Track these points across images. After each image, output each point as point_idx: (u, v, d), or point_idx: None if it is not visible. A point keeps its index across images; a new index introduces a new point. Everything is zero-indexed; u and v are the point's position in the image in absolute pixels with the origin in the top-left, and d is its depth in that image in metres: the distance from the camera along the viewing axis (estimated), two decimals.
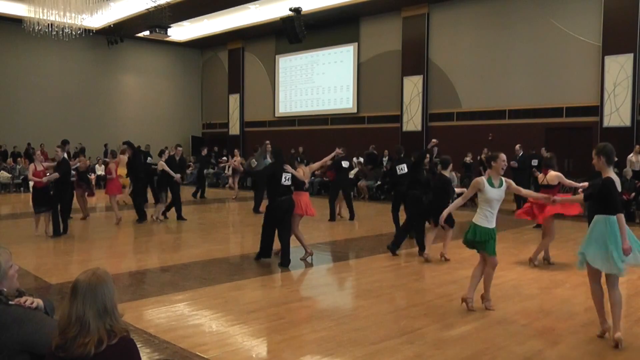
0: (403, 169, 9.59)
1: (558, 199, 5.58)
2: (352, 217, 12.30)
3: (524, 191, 5.83)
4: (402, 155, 10.04)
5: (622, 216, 4.35)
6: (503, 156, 5.36)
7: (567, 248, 8.53)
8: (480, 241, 5.26)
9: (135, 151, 12.33)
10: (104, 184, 14.32)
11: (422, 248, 8.15)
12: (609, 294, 4.46)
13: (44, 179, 9.68)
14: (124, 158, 12.93)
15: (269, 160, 11.59)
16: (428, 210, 7.93)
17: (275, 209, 7.55)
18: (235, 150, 18.76)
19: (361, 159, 17.80)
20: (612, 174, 4.44)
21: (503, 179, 5.39)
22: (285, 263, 7.49)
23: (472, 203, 9.75)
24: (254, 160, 13.54)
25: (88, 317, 2.11)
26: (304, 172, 7.99)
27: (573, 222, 10.24)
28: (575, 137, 15.33)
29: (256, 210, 13.16)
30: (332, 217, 12.17)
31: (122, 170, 12.78)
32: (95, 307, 2.13)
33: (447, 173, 8.05)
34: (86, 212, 12.18)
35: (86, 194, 12.16)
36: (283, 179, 7.49)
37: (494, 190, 5.26)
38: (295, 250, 7.84)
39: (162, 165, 11.75)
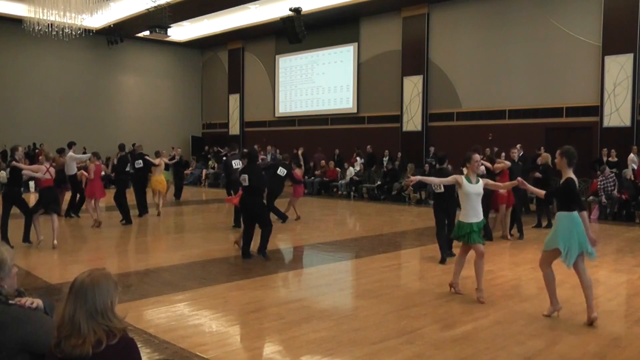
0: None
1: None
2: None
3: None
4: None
5: (585, 213, 5.10)
6: (477, 157, 5.97)
7: None
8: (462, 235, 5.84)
9: (122, 154, 12.71)
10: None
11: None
12: (582, 279, 4.98)
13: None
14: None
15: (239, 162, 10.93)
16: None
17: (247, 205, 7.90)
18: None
19: (358, 159, 17.79)
20: (572, 174, 5.13)
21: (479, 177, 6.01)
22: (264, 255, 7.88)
23: None
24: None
25: (78, 318, 2.12)
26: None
27: None
28: (575, 137, 15.32)
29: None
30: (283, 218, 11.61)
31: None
32: (85, 307, 2.13)
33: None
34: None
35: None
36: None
37: (472, 186, 5.85)
38: (290, 251, 7.91)
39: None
